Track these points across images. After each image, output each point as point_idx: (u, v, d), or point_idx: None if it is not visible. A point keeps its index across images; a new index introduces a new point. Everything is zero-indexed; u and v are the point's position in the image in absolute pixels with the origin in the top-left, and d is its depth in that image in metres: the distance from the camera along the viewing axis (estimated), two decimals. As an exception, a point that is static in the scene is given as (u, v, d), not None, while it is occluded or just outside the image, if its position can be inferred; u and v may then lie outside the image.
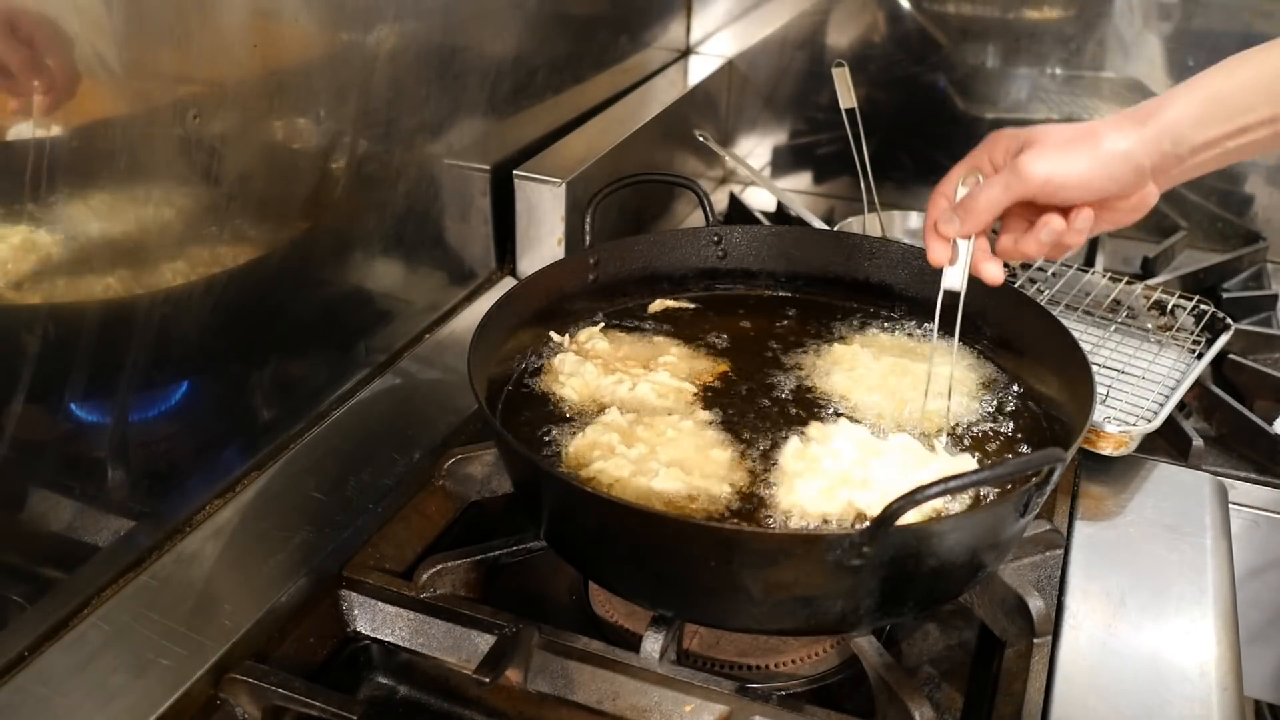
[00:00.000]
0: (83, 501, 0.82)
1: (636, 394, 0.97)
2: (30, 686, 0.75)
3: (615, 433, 0.91)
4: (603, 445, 0.90)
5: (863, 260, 1.14)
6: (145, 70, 0.77)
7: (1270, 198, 1.65)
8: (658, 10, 1.68)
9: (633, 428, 0.92)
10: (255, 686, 0.79)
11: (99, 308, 0.79)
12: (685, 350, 1.06)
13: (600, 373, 1.00)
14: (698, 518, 0.82)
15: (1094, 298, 1.31)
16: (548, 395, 0.98)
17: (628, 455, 0.88)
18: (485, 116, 1.23)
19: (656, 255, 1.14)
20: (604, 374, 1.00)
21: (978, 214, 0.85)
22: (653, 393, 0.97)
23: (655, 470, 0.86)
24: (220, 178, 0.86)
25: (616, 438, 0.90)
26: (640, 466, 0.87)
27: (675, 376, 1.00)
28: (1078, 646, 0.86)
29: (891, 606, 0.78)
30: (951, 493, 0.66)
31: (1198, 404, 1.23)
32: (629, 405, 0.96)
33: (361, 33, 0.99)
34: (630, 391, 0.98)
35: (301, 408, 1.04)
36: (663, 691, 0.80)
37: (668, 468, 0.86)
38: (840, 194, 1.85)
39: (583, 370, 1.00)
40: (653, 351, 1.05)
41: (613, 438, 0.90)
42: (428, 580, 0.88)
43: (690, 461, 0.89)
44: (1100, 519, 1.01)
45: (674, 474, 0.86)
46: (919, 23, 1.75)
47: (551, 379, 1.00)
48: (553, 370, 1.01)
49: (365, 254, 1.09)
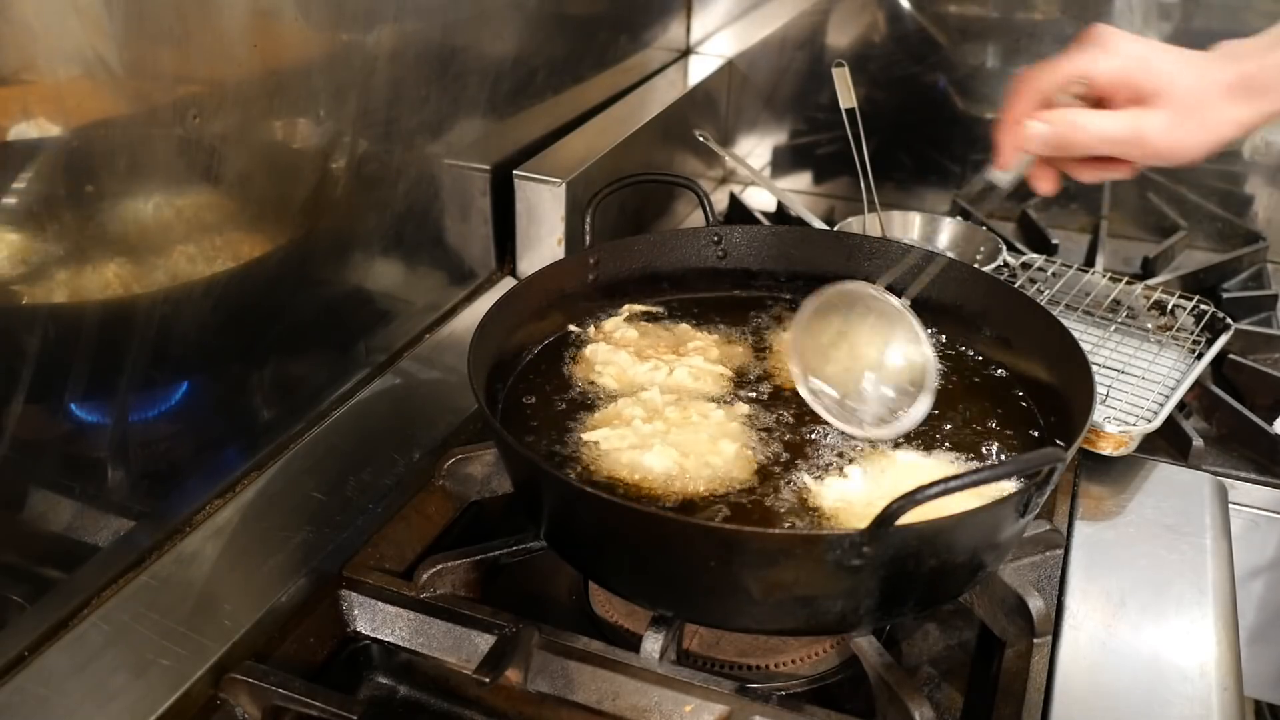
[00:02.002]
0: (83, 501, 0.82)
1: (674, 379, 0.99)
2: (30, 686, 0.75)
3: (641, 408, 0.93)
4: (624, 417, 0.92)
5: (863, 260, 1.14)
6: (145, 70, 0.77)
7: (1270, 198, 1.65)
8: (658, 10, 1.68)
9: (664, 407, 0.94)
10: (255, 686, 0.79)
11: (99, 308, 0.79)
12: (711, 338, 1.07)
13: (634, 360, 1.01)
14: (699, 519, 0.82)
15: (1094, 298, 1.31)
16: (578, 382, 1.00)
17: (640, 429, 0.90)
18: (485, 116, 1.23)
19: (656, 255, 1.14)
20: (638, 361, 1.01)
21: (1075, 147, 0.80)
22: (689, 376, 0.99)
23: (652, 446, 0.87)
24: (220, 178, 0.86)
25: (640, 412, 0.92)
26: (644, 441, 0.88)
27: (708, 360, 1.02)
28: (1078, 646, 0.86)
29: (891, 606, 0.78)
30: (951, 492, 0.66)
31: (1198, 404, 1.23)
32: (668, 389, 0.98)
33: (361, 33, 0.99)
34: (669, 376, 0.99)
35: (301, 408, 1.04)
36: (663, 691, 0.80)
37: (666, 446, 0.87)
38: (840, 194, 1.85)
39: (616, 358, 1.01)
40: (679, 339, 1.07)
41: (636, 411, 0.92)
42: (428, 580, 0.88)
43: (695, 446, 0.89)
44: (1100, 519, 1.01)
45: (669, 453, 0.86)
46: (919, 23, 1.75)
47: (586, 369, 1.01)
48: (585, 360, 1.02)
49: (365, 254, 1.09)
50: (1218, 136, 0.78)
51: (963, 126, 1.78)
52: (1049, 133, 0.80)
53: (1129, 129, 0.78)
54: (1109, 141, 0.79)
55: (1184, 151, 0.78)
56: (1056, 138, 0.80)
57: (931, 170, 1.83)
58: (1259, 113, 0.77)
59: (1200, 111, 0.77)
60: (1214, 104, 0.77)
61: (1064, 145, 0.80)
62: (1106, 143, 0.79)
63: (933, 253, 1.08)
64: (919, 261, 0.98)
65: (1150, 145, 0.78)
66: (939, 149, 1.82)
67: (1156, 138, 0.78)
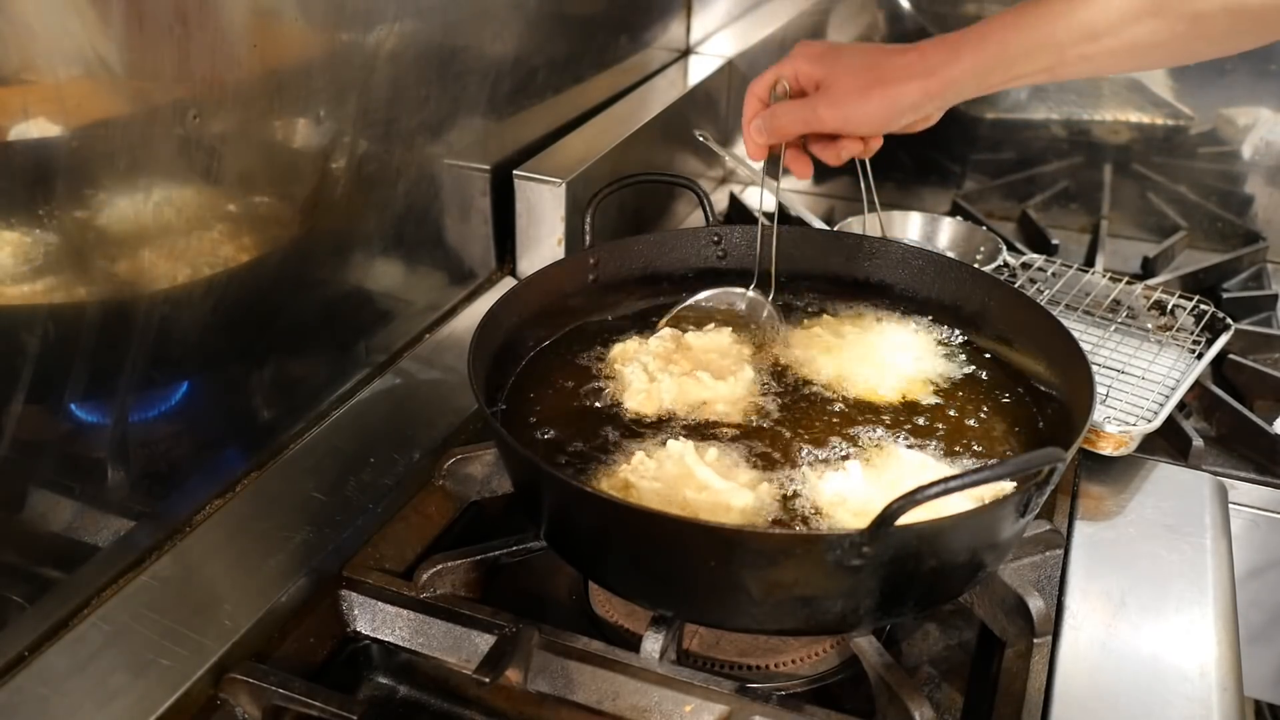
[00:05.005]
0: (83, 501, 0.82)
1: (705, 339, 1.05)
2: (30, 686, 0.75)
3: (672, 343, 1.03)
4: (644, 354, 1.01)
5: (863, 260, 1.14)
6: (145, 70, 0.77)
7: (1270, 198, 1.65)
8: (658, 10, 1.68)
9: (683, 351, 1.02)
10: (255, 686, 0.79)
11: (99, 308, 0.79)
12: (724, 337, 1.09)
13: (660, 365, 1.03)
14: (698, 518, 0.82)
15: (1094, 298, 1.31)
16: (582, 381, 1.02)
17: (650, 366, 0.99)
18: (485, 116, 1.23)
19: (656, 255, 1.13)
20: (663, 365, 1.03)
21: (779, 131, 0.98)
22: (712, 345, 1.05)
23: (662, 380, 0.96)
24: (220, 178, 0.86)
25: (660, 349, 1.02)
26: (654, 375, 0.98)
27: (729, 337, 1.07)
28: (1078, 646, 0.86)
29: (892, 606, 0.78)
30: (951, 492, 0.66)
31: (1198, 404, 1.23)
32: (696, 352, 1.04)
33: (361, 33, 0.99)
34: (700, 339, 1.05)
35: (301, 408, 1.04)
36: (663, 691, 0.80)
37: (677, 376, 0.97)
38: (840, 194, 1.85)
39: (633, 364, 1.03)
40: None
41: (668, 347, 1.02)
42: (428, 580, 0.88)
43: (694, 390, 0.96)
44: (1100, 519, 1.01)
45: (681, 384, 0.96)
46: (919, 23, 1.75)
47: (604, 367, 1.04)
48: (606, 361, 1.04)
49: (365, 254, 1.09)
50: (898, 115, 0.93)
51: (963, 126, 1.78)
52: (762, 125, 0.99)
53: (807, 110, 0.95)
54: (799, 121, 0.96)
55: (869, 124, 0.95)
56: (767, 126, 0.98)
57: (931, 170, 1.83)
58: (928, 91, 0.92)
59: (873, 90, 0.92)
60: (889, 84, 0.92)
61: (775, 131, 0.98)
62: (798, 122, 0.96)
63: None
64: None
65: (825, 121, 0.94)
66: (939, 149, 1.82)
67: (827, 114, 0.94)
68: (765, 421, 0.96)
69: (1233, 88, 1.60)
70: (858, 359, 1.03)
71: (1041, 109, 1.73)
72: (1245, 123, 1.62)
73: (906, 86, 0.92)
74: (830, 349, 1.05)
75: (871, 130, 0.96)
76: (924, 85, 0.91)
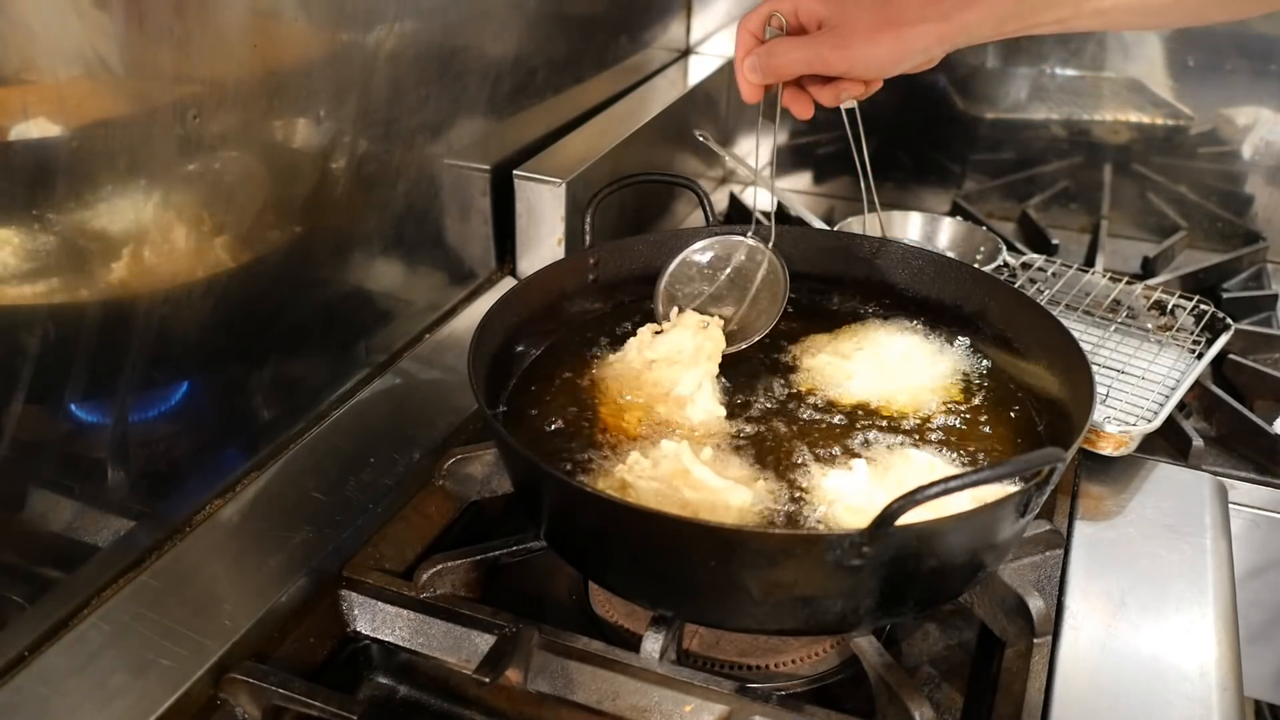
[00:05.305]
0: (83, 501, 0.82)
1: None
2: (30, 686, 0.75)
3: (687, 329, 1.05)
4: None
5: (863, 260, 1.14)
6: (145, 70, 0.77)
7: (1270, 198, 1.65)
8: (658, 10, 1.68)
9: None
10: (255, 686, 0.79)
11: (99, 308, 0.79)
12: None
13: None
14: (699, 518, 0.82)
15: (1094, 298, 1.31)
16: (580, 381, 1.02)
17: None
18: (485, 116, 1.23)
19: (656, 255, 1.13)
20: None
21: (776, 71, 0.92)
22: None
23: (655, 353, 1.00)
24: (220, 178, 0.86)
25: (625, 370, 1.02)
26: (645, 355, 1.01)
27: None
28: (1078, 646, 0.86)
29: (891, 606, 0.78)
30: (951, 492, 0.66)
31: (1198, 404, 1.23)
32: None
33: (361, 33, 0.99)
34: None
35: (301, 408, 1.04)
36: (663, 691, 0.80)
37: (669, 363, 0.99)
38: (840, 194, 1.85)
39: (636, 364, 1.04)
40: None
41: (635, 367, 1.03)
42: (428, 580, 0.88)
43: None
44: (1100, 519, 1.01)
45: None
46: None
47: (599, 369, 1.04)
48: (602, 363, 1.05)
49: (365, 254, 1.09)
50: (910, 58, 0.88)
51: (962, 126, 1.78)
52: (756, 62, 0.93)
53: (809, 50, 0.90)
54: (799, 61, 0.91)
55: (880, 68, 0.89)
56: (762, 65, 0.92)
57: (931, 170, 1.83)
58: (942, 36, 0.86)
59: (886, 32, 0.87)
60: (903, 26, 0.86)
61: (772, 70, 0.92)
62: (799, 62, 0.91)
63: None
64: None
65: (830, 63, 0.89)
66: (939, 149, 1.82)
67: (833, 55, 0.89)
68: (758, 426, 0.96)
69: (1233, 88, 1.60)
70: (856, 359, 1.03)
71: (1041, 109, 1.73)
72: (1245, 123, 1.62)
73: (919, 29, 0.86)
74: (828, 349, 1.05)
75: (878, 74, 0.91)
76: (939, 29, 0.86)
